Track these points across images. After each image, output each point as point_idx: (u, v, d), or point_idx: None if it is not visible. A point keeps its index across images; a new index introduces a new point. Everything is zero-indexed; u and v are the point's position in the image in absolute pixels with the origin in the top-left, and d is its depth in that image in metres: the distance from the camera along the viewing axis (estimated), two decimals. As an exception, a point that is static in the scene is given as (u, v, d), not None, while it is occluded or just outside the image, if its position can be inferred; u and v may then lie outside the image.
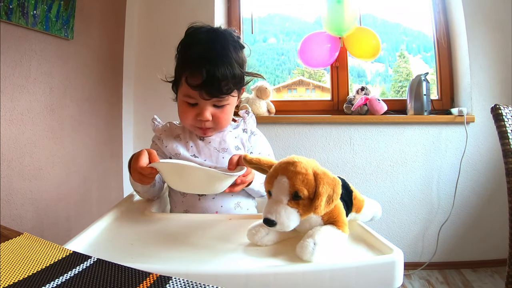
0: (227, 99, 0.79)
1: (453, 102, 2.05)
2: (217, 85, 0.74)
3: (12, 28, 1.21)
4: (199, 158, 0.83)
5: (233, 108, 0.84)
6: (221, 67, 0.74)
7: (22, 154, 1.25)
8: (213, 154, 0.84)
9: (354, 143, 1.93)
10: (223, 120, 0.81)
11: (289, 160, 0.55)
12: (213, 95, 0.76)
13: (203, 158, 0.84)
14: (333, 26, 1.95)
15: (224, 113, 0.81)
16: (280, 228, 0.53)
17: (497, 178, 1.87)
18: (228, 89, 0.77)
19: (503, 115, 1.00)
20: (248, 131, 0.89)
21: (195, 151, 0.85)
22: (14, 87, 1.24)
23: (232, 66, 0.76)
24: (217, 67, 0.73)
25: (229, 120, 0.85)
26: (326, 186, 0.52)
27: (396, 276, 0.49)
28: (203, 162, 0.83)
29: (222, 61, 0.74)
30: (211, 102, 0.78)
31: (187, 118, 0.81)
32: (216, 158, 0.84)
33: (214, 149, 0.85)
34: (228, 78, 0.75)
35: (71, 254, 0.37)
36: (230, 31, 0.83)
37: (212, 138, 0.86)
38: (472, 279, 1.75)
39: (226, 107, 0.81)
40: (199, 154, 0.84)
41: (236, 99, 0.85)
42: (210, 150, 0.85)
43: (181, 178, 0.64)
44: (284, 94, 2.36)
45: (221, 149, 0.84)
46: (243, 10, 2.19)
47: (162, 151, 0.86)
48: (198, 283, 0.30)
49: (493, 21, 1.88)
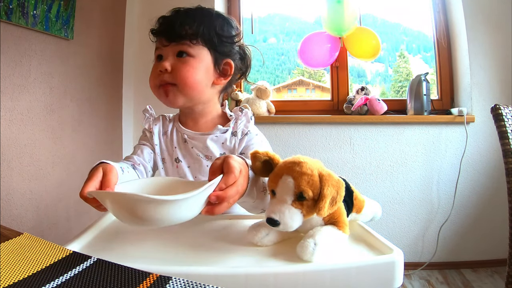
0: (190, 46, 0.73)
1: (453, 102, 2.05)
2: (171, 27, 0.73)
3: (12, 28, 1.21)
4: (182, 162, 0.78)
5: (203, 69, 0.74)
6: (182, 15, 0.74)
7: (22, 154, 1.25)
8: (196, 161, 0.78)
9: (354, 143, 1.93)
10: (184, 72, 0.72)
11: (295, 160, 0.55)
12: (170, 38, 0.73)
13: (186, 164, 0.78)
14: (333, 26, 1.95)
15: (186, 64, 0.73)
16: (283, 228, 0.53)
17: (497, 178, 1.87)
18: (186, 34, 0.72)
19: (503, 115, 1.00)
20: (238, 133, 0.78)
21: (178, 155, 0.79)
22: (14, 87, 1.24)
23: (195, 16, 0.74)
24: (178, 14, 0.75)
25: (196, 81, 0.74)
26: (331, 188, 0.52)
27: (396, 276, 0.49)
28: (186, 170, 0.77)
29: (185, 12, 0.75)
30: (172, 49, 0.74)
31: (153, 76, 0.77)
32: (199, 166, 0.77)
33: (197, 155, 0.78)
34: (187, 23, 0.73)
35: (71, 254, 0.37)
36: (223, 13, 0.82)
37: (195, 142, 0.78)
38: (472, 279, 1.75)
39: (189, 59, 0.73)
40: (182, 158, 0.79)
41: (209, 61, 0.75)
42: (192, 156, 0.78)
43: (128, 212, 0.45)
44: (284, 94, 2.36)
45: (204, 156, 0.77)
46: (243, 10, 2.19)
47: (151, 146, 0.82)
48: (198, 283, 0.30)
49: (493, 21, 1.88)
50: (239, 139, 0.78)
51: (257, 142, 0.79)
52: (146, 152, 0.80)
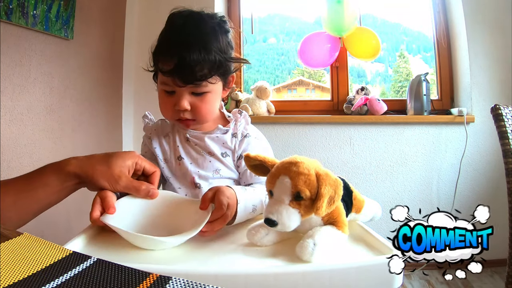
0: (206, 86, 0.72)
1: (453, 102, 2.05)
2: (189, 70, 0.69)
3: (12, 28, 1.21)
4: (184, 159, 0.80)
5: (218, 98, 0.77)
6: (195, 52, 0.69)
7: (22, 154, 1.25)
8: (199, 157, 0.80)
9: (354, 143, 1.93)
10: (203, 110, 0.74)
11: (292, 160, 0.55)
12: (187, 81, 0.70)
13: (189, 161, 0.80)
14: (333, 26, 1.95)
15: (205, 102, 0.74)
16: (281, 229, 0.53)
17: (497, 178, 1.87)
18: (203, 75, 0.71)
19: (503, 115, 1.00)
20: (238, 134, 0.80)
21: (181, 152, 0.81)
22: (14, 87, 1.24)
23: (207, 50, 0.70)
24: (190, 51, 0.68)
25: (212, 111, 0.77)
26: (328, 187, 0.52)
27: (396, 276, 0.49)
28: (188, 166, 0.79)
29: (196, 45, 0.70)
30: (188, 89, 0.72)
31: (166, 109, 0.76)
32: (202, 161, 0.79)
33: (200, 152, 0.80)
34: (202, 63, 0.70)
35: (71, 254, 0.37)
36: (213, 14, 0.77)
37: (197, 140, 0.80)
38: (472, 279, 1.75)
39: (207, 95, 0.74)
40: (184, 155, 0.81)
41: (221, 87, 0.77)
42: (196, 152, 0.80)
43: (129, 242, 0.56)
44: (284, 94, 2.36)
45: (207, 152, 0.80)
46: (243, 10, 2.19)
47: (151, 153, 0.83)
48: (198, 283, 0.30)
49: (493, 21, 1.88)
50: (239, 141, 0.80)
51: (255, 146, 0.81)
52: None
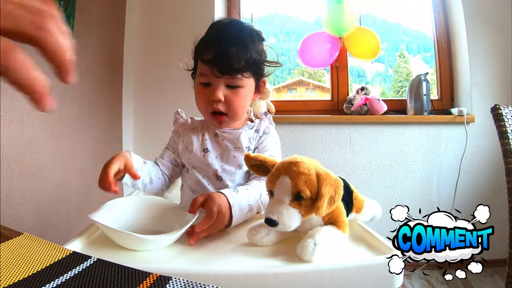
0: (241, 79, 0.78)
1: (453, 102, 2.05)
2: (227, 61, 0.75)
3: (12, 28, 1.21)
4: (210, 152, 0.83)
5: (249, 96, 0.83)
6: (233, 46, 0.75)
7: (22, 154, 1.25)
8: (224, 152, 0.83)
9: (354, 143, 1.93)
10: (236, 103, 0.79)
11: (292, 160, 0.55)
12: (224, 71, 0.76)
13: (215, 154, 0.83)
14: (333, 26, 1.95)
15: (238, 96, 0.79)
16: (282, 228, 0.53)
17: (497, 178, 1.87)
18: (239, 68, 0.76)
19: (503, 115, 1.00)
20: (260, 131, 0.87)
21: (208, 145, 0.84)
22: (14, 87, 1.24)
23: (245, 48, 0.77)
24: (229, 45, 0.75)
25: (244, 108, 0.83)
26: (329, 187, 0.52)
27: (396, 276, 0.49)
28: (213, 159, 0.82)
29: (235, 42, 0.76)
30: (224, 81, 0.77)
31: (201, 100, 0.81)
32: (227, 156, 0.83)
33: (226, 147, 0.83)
34: (240, 56, 0.75)
35: (71, 254, 0.37)
36: (250, 24, 0.86)
37: (226, 135, 0.84)
38: (472, 279, 1.75)
39: (240, 90, 0.79)
40: (211, 149, 0.84)
41: (253, 87, 0.83)
42: (222, 147, 0.84)
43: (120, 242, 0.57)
44: (284, 94, 2.36)
45: (234, 147, 0.83)
46: (243, 10, 2.19)
47: (176, 147, 0.88)
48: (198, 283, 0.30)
49: (493, 21, 1.88)
50: (259, 136, 0.87)
51: (269, 143, 0.88)
52: (166, 154, 0.89)
